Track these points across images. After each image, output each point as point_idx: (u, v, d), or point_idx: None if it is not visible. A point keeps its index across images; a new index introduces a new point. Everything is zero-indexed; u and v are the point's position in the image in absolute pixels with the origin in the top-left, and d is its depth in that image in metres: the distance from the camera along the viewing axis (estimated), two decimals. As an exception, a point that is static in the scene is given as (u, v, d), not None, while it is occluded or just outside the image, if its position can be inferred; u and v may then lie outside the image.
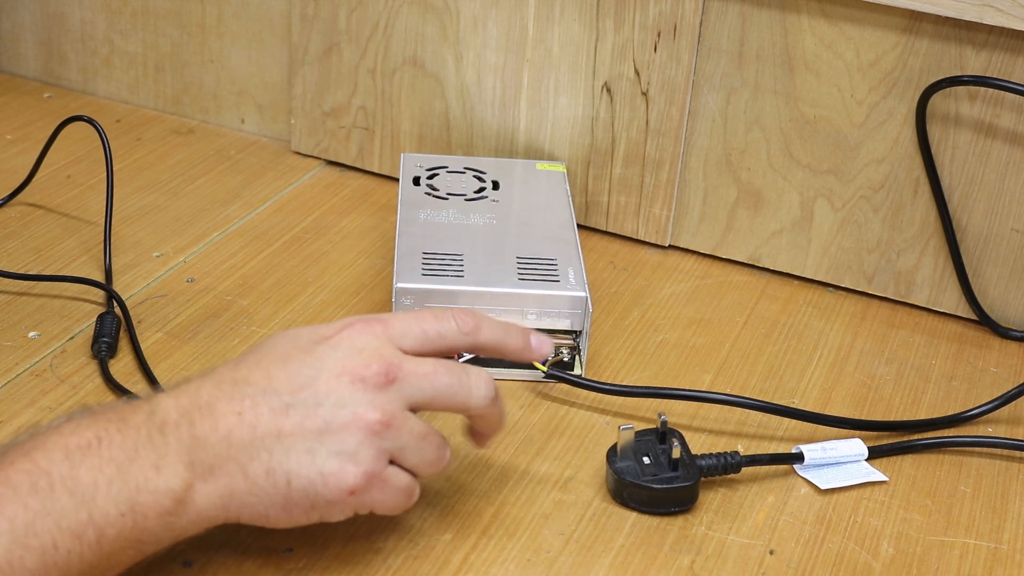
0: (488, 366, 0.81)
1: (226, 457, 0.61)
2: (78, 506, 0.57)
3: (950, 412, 0.82)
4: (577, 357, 0.82)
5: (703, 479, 0.73)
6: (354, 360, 0.64)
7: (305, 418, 0.62)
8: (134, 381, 0.80)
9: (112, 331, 0.82)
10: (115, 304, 0.86)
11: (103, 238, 0.92)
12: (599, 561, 0.69)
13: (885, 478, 0.76)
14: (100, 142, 0.93)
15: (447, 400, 0.66)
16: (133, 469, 0.59)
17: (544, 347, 0.71)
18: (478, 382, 0.66)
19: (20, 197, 0.98)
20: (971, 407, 0.82)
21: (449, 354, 0.68)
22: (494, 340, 0.69)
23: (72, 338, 0.83)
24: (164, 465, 0.60)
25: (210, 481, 0.61)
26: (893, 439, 0.80)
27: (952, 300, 0.93)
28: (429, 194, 0.92)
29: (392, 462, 0.64)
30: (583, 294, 0.82)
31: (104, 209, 0.94)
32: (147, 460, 0.59)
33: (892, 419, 0.82)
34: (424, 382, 0.65)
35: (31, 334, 0.83)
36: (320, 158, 1.08)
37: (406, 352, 0.65)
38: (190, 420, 0.61)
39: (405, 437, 0.64)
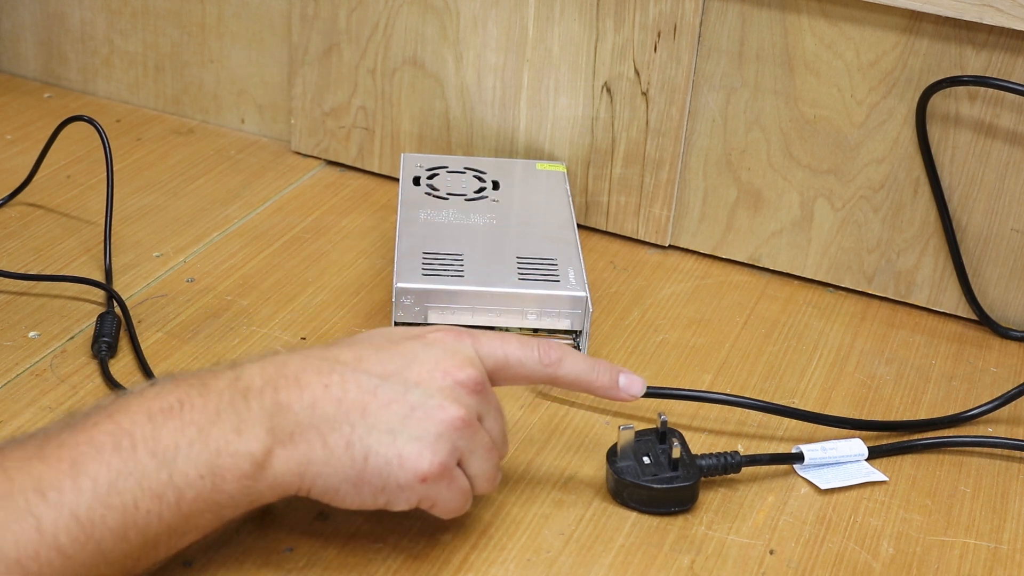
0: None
1: (307, 425, 0.62)
2: (159, 467, 0.58)
3: (950, 412, 0.82)
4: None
5: (703, 479, 0.73)
6: (448, 360, 0.65)
7: (392, 400, 0.63)
8: (134, 381, 0.80)
9: (112, 331, 0.82)
10: (115, 304, 0.86)
11: (103, 238, 0.92)
12: (599, 561, 0.69)
13: (885, 478, 0.76)
14: (100, 142, 0.93)
15: (502, 436, 0.68)
16: (214, 432, 0.60)
17: (635, 387, 0.72)
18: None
19: (20, 197, 0.98)
20: (971, 407, 0.82)
21: (527, 383, 0.70)
22: (576, 375, 0.70)
23: (72, 338, 0.83)
24: (245, 429, 0.61)
25: (289, 447, 0.61)
26: (893, 439, 0.80)
27: (952, 300, 0.93)
28: (429, 194, 0.92)
29: (458, 464, 0.65)
30: (583, 294, 0.82)
31: (104, 209, 0.94)
32: (228, 424, 0.60)
33: (892, 419, 0.82)
34: (496, 415, 0.67)
35: (31, 334, 0.83)
36: (320, 158, 1.08)
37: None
38: (275, 387, 0.62)
39: (477, 443, 0.65)
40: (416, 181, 0.94)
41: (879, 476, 0.76)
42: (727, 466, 0.74)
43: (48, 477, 0.56)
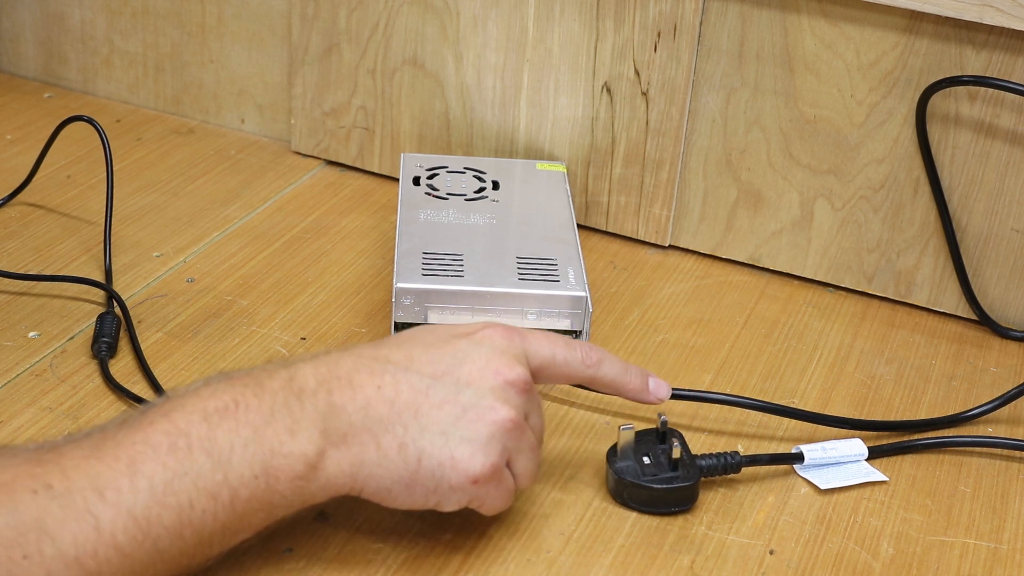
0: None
1: (361, 427, 0.62)
2: (214, 467, 0.59)
3: (950, 412, 0.82)
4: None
5: (703, 479, 0.73)
6: (498, 360, 0.66)
7: (445, 401, 0.64)
8: (134, 381, 0.80)
9: (112, 331, 0.82)
10: (115, 304, 0.86)
11: (103, 238, 0.92)
12: (599, 561, 0.69)
13: (885, 478, 0.76)
14: (100, 142, 0.93)
15: (542, 432, 0.69)
16: (268, 433, 0.61)
17: (661, 390, 0.73)
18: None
19: (20, 197, 0.98)
20: (971, 407, 0.82)
21: (566, 382, 0.71)
22: (612, 376, 0.71)
23: (72, 338, 0.83)
24: (299, 430, 0.61)
25: (342, 449, 0.62)
26: (893, 439, 0.80)
27: (952, 300, 0.93)
28: (429, 194, 0.92)
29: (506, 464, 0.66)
30: (583, 294, 0.82)
31: (104, 209, 0.94)
32: (282, 424, 0.61)
33: (892, 419, 0.82)
34: (539, 412, 0.69)
35: (31, 334, 0.83)
36: (320, 158, 1.08)
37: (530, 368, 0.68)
38: (328, 389, 0.63)
39: (524, 443, 0.66)
40: (416, 181, 0.94)
41: (879, 476, 0.76)
42: (727, 466, 0.74)
43: (106, 476, 0.57)
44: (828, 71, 0.90)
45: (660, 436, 0.74)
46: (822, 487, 0.75)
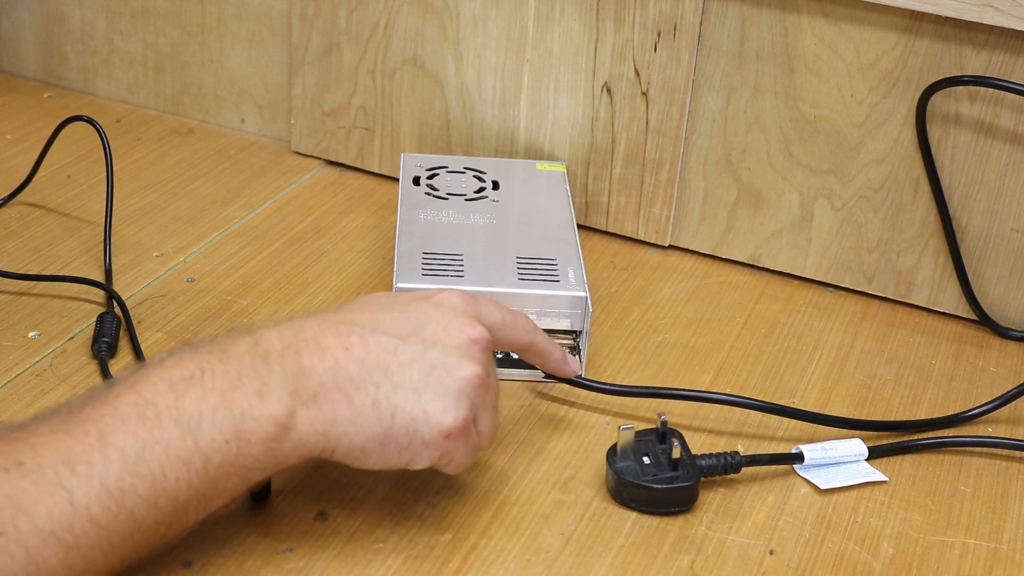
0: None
1: (332, 386, 0.63)
2: (184, 434, 0.59)
3: (950, 412, 0.82)
4: (577, 357, 0.82)
5: (703, 479, 0.73)
6: (460, 320, 0.68)
7: (413, 359, 0.65)
8: (134, 381, 0.80)
9: (112, 331, 0.82)
10: (115, 304, 0.86)
11: (103, 238, 0.92)
12: (599, 561, 0.69)
13: (885, 478, 0.76)
14: (100, 142, 0.93)
15: (498, 392, 0.71)
16: (237, 397, 0.61)
17: (575, 364, 0.77)
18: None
19: (20, 197, 0.98)
20: (971, 407, 0.82)
21: (508, 347, 0.73)
22: (544, 346, 0.74)
23: (72, 338, 0.83)
24: (267, 392, 0.62)
25: (313, 408, 0.63)
26: (893, 439, 0.80)
27: (952, 300, 0.93)
28: (429, 194, 0.92)
29: None
30: (583, 294, 0.82)
31: (104, 209, 0.94)
32: (251, 388, 0.61)
33: (892, 419, 0.82)
34: (495, 373, 0.70)
35: (31, 334, 0.83)
36: (320, 158, 1.08)
37: None
38: (295, 350, 0.63)
39: (488, 400, 0.68)
40: (416, 181, 0.94)
41: (879, 476, 0.76)
42: (727, 466, 0.74)
43: (76, 450, 0.57)
44: (828, 71, 0.90)
45: (660, 436, 0.74)
46: (822, 487, 0.75)
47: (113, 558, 0.58)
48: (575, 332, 0.83)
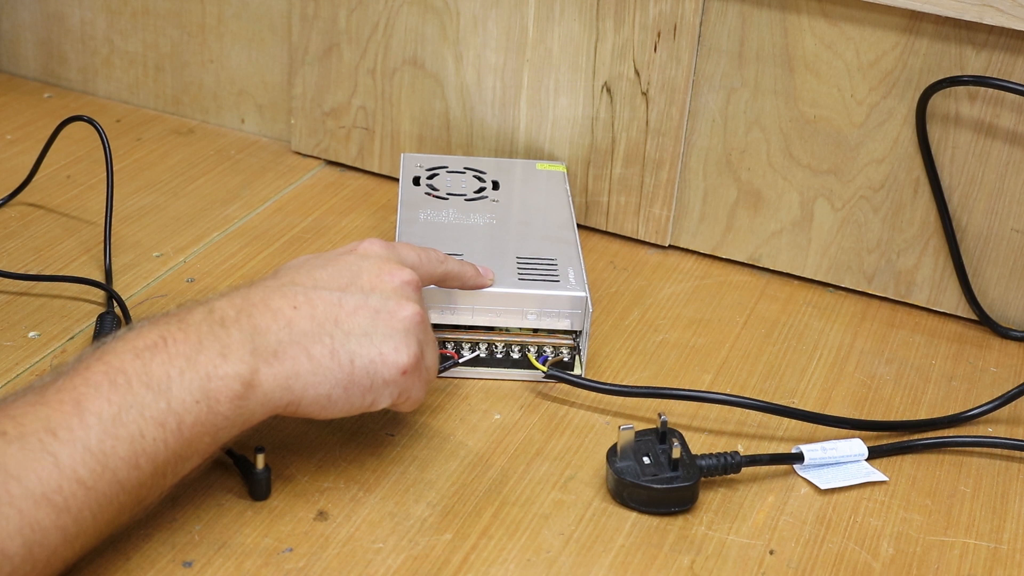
0: (489, 367, 0.81)
1: (289, 342, 0.67)
2: (156, 397, 0.62)
3: (950, 412, 0.82)
4: (577, 357, 0.82)
5: (703, 479, 0.73)
6: (387, 265, 0.72)
7: (357, 308, 0.69)
8: (134, 381, 0.80)
9: (112, 331, 0.82)
10: (115, 304, 0.86)
11: (103, 238, 0.92)
12: (599, 561, 0.69)
13: (885, 478, 0.76)
14: (100, 142, 0.93)
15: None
16: (201, 359, 0.64)
17: (489, 272, 0.81)
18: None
19: (20, 197, 0.98)
20: (971, 407, 0.82)
21: (428, 281, 0.78)
22: (457, 270, 0.79)
23: (72, 338, 0.83)
24: (229, 353, 0.65)
25: (275, 364, 0.66)
26: (893, 439, 0.80)
27: (952, 300, 0.93)
28: (429, 194, 0.92)
29: None
30: (583, 294, 0.82)
31: (104, 209, 0.94)
32: (213, 350, 0.64)
33: (892, 419, 0.82)
34: (426, 310, 0.74)
35: (31, 334, 0.83)
36: (320, 158, 1.08)
37: None
38: (248, 314, 0.67)
39: (428, 336, 0.72)
40: (416, 181, 0.94)
41: (879, 476, 0.76)
42: (727, 466, 0.74)
43: (55, 418, 0.59)
44: (828, 71, 0.90)
45: (660, 436, 0.74)
46: (822, 487, 0.75)
47: (100, 520, 0.60)
48: (575, 332, 0.83)
